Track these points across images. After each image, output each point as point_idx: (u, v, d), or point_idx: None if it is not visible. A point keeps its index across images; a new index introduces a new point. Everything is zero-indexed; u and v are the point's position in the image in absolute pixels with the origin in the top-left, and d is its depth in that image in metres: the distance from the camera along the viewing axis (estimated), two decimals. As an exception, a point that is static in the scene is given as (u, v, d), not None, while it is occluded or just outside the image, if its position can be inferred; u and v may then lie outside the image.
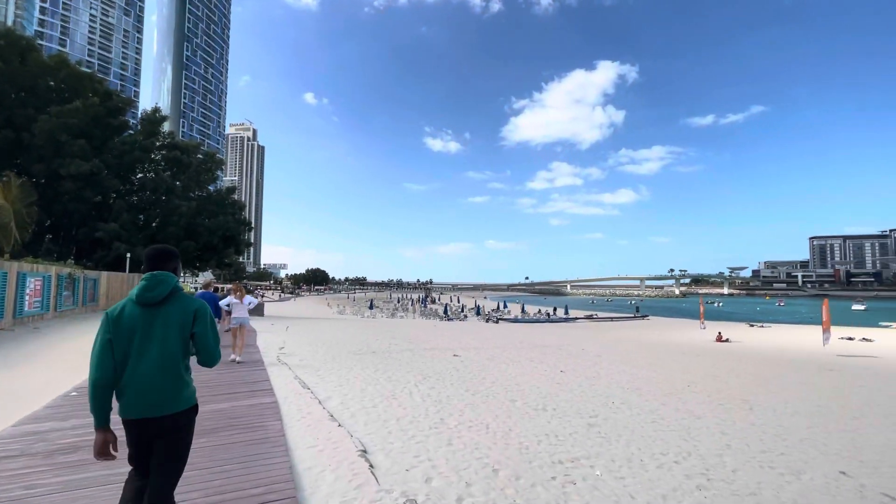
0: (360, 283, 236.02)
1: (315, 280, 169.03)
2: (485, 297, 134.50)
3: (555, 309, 62.30)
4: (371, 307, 60.59)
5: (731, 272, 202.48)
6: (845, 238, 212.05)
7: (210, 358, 3.25)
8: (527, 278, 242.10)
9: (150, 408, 2.97)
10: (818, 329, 33.09)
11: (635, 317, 60.18)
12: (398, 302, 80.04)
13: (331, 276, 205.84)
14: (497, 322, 44.37)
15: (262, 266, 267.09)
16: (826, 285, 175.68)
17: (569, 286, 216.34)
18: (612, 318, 55.65)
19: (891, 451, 8.44)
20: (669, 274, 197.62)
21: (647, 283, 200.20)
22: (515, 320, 47.87)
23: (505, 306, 65.25)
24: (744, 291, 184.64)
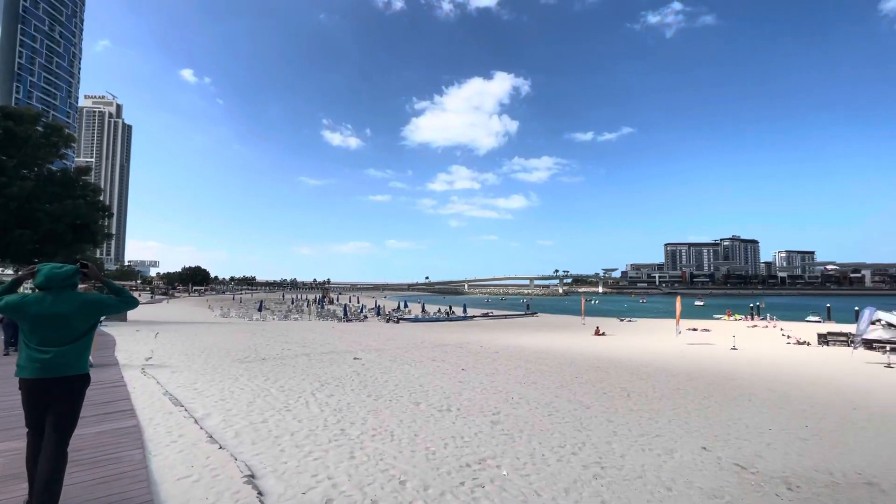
0: (248, 283, 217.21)
1: (194, 279, 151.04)
2: (385, 297, 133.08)
3: (450, 307, 64.08)
4: (260, 309, 55.92)
5: (604, 273, 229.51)
6: (690, 245, 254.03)
7: None
8: (427, 278, 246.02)
9: None
10: (672, 322, 38.77)
11: (526, 314, 64.62)
12: (292, 303, 75.13)
13: (213, 276, 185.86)
14: (398, 322, 44.02)
15: (126, 263, 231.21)
16: (676, 284, 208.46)
17: (467, 286, 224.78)
18: (505, 316, 59.01)
19: (734, 424, 9.96)
20: (554, 274, 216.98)
21: (536, 282, 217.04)
22: (416, 320, 48.02)
23: (405, 306, 65.18)
24: (615, 290, 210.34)
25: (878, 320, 32.21)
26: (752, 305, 65.73)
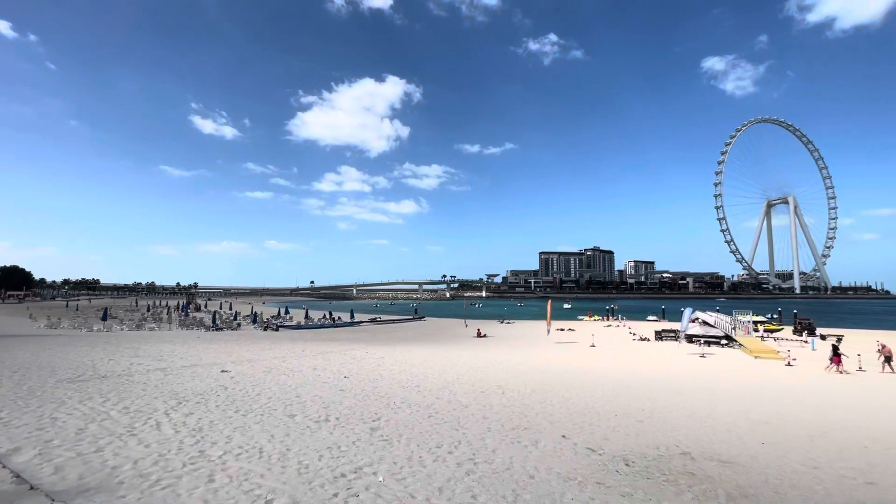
0: (89, 287, 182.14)
1: (10, 283, 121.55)
2: (263, 303, 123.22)
3: (329, 313, 61.99)
4: (105, 318, 47.34)
5: (488, 278, 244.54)
6: (560, 254, 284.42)
7: None
8: (312, 282, 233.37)
9: None
10: (544, 323, 42.69)
11: (414, 318, 65.48)
12: (148, 310, 65.13)
13: (38, 279, 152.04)
14: (277, 330, 41.03)
15: None
16: (548, 289, 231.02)
17: (355, 290, 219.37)
18: (394, 321, 59.02)
19: (589, 412, 11.30)
20: (442, 279, 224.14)
21: (425, 287, 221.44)
22: (298, 327, 45.31)
23: (287, 312, 61.17)
24: (497, 294, 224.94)
25: (696, 319, 39.68)
26: (607, 308, 75.86)
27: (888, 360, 20.33)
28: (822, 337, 36.34)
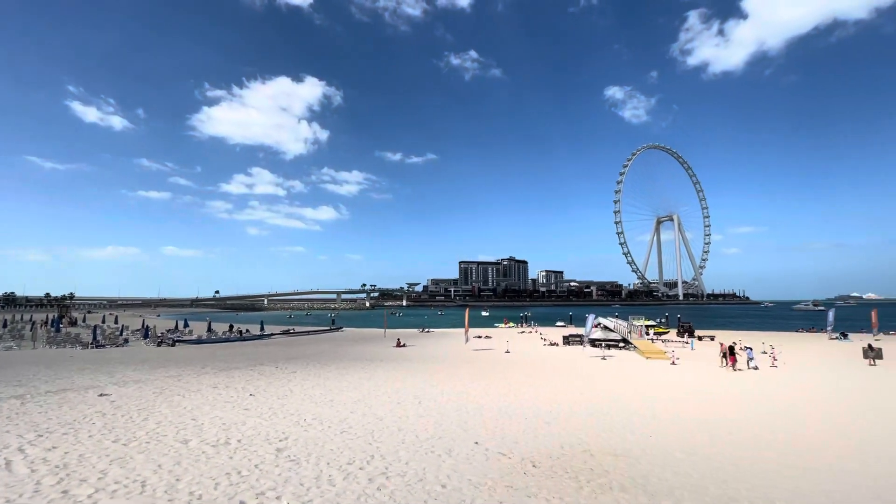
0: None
1: None
2: (158, 316, 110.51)
3: (231, 326, 57.62)
4: (-56, 337, 38.98)
5: (408, 287, 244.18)
6: (479, 263, 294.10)
7: None
8: (217, 292, 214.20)
9: None
10: (462, 331, 43.57)
11: (332, 329, 63.07)
12: (4, 326, 55.04)
13: None
14: (173, 345, 36.89)
15: None
16: (467, 297, 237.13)
17: (266, 301, 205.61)
18: (308, 332, 56.25)
19: (501, 417, 11.69)
20: (362, 288, 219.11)
21: (344, 296, 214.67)
22: (199, 341, 41.18)
23: (186, 325, 55.44)
24: (417, 303, 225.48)
25: (599, 324, 43.26)
26: (522, 315, 79.78)
27: (726, 355, 23.57)
28: (699, 338, 41.57)
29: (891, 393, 16.33)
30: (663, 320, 62.27)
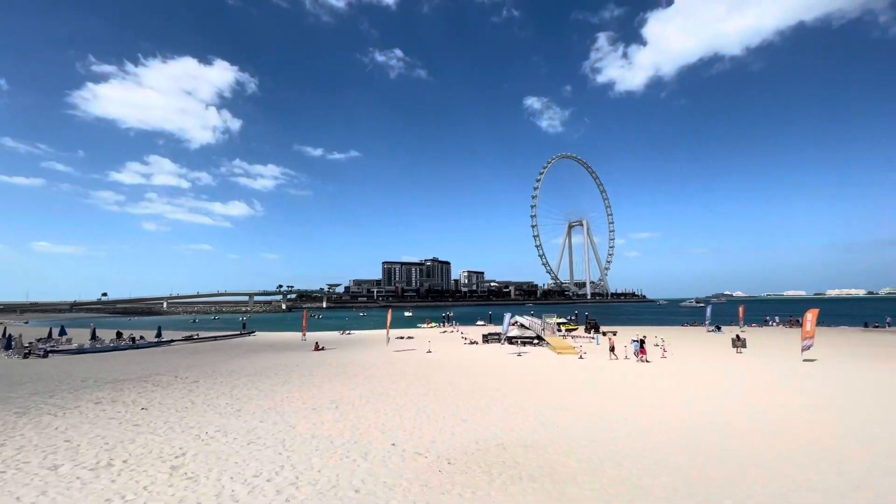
0: None
1: None
2: (26, 322, 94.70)
3: (119, 332, 51.58)
4: None
5: (329, 288, 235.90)
6: (403, 264, 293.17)
7: None
8: (105, 295, 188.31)
9: None
10: (384, 332, 43.13)
11: (242, 334, 58.74)
12: None
13: None
14: (45, 356, 31.74)
15: None
16: (391, 298, 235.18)
17: (166, 304, 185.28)
18: (215, 338, 51.84)
19: (419, 416, 11.74)
20: (278, 290, 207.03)
21: (257, 298, 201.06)
22: (80, 351, 35.87)
23: (63, 333, 48.10)
24: (339, 304, 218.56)
25: (515, 322, 45.37)
26: (444, 315, 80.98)
27: (612, 349, 26.40)
28: (604, 333, 45.40)
29: (752, 375, 19.14)
30: (573, 318, 66.95)
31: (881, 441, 9.43)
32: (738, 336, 30.76)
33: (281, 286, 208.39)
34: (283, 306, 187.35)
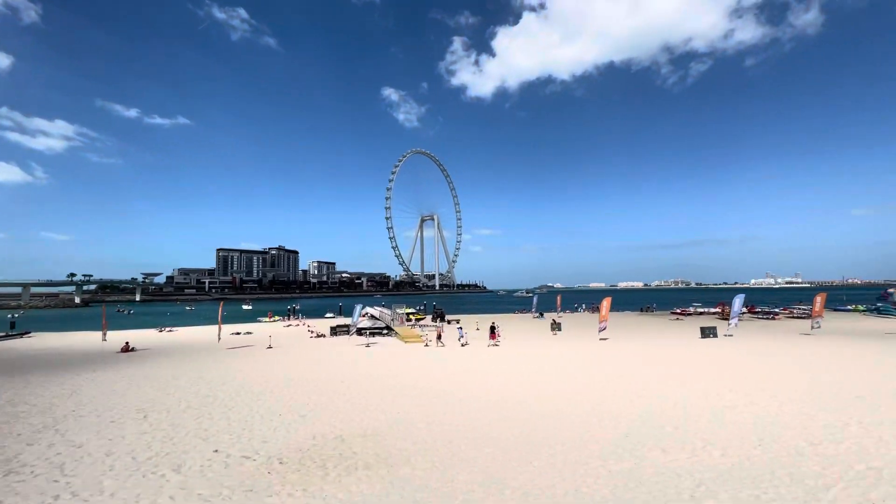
0: None
1: None
2: None
3: None
4: None
5: (145, 278, 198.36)
6: (242, 252, 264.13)
7: None
8: None
9: None
10: (216, 327, 38.36)
11: (10, 336, 45.41)
12: None
13: None
14: None
15: None
16: (226, 290, 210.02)
17: None
18: (-35, 342, 38.82)
19: (249, 420, 10.76)
20: (70, 279, 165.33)
21: (36, 290, 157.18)
22: None
23: None
24: (159, 297, 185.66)
25: (366, 314, 45.18)
26: (289, 308, 75.95)
27: (440, 336, 29.13)
28: (448, 321, 48.42)
29: (567, 352, 22.74)
30: (422, 307, 69.90)
31: (647, 395, 12.20)
32: (554, 321, 36.23)
33: (74, 275, 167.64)
34: (77, 300, 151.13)
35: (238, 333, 40.92)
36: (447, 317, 52.66)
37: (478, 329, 37.65)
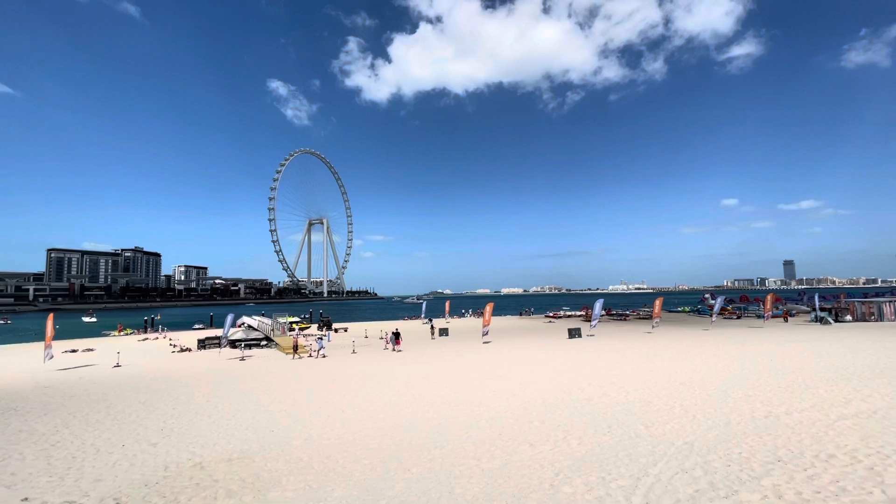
0: None
1: None
2: None
3: None
4: None
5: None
6: (84, 253, 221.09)
7: None
8: None
9: None
10: (42, 345, 31.47)
11: None
12: None
13: None
14: None
15: None
16: (60, 299, 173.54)
17: None
18: None
19: (87, 452, 9.00)
20: None
21: None
22: None
23: None
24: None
25: (242, 324, 41.20)
26: (146, 318, 65.72)
27: (295, 347, 28.68)
28: (336, 330, 46.64)
29: (452, 357, 23.44)
30: (307, 316, 66.23)
31: (521, 394, 13.13)
32: (438, 327, 37.23)
33: None
34: None
35: (75, 351, 34.24)
36: (335, 325, 50.67)
37: (366, 337, 36.93)
